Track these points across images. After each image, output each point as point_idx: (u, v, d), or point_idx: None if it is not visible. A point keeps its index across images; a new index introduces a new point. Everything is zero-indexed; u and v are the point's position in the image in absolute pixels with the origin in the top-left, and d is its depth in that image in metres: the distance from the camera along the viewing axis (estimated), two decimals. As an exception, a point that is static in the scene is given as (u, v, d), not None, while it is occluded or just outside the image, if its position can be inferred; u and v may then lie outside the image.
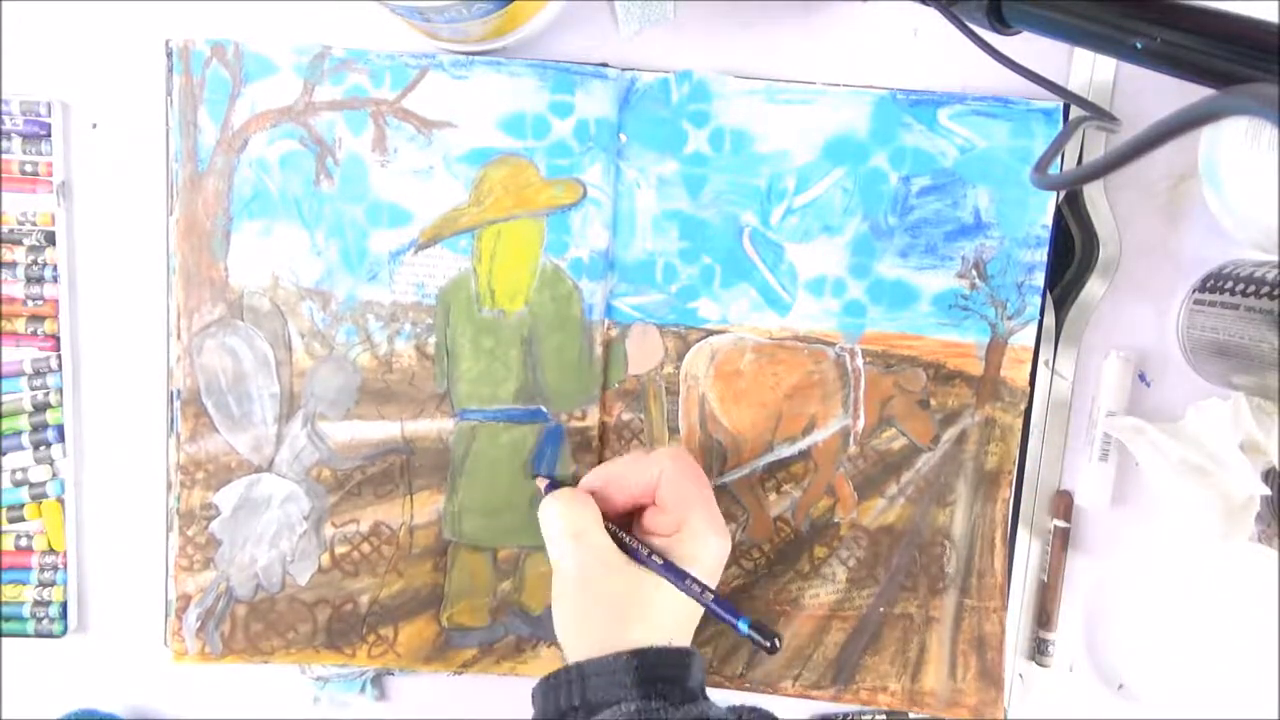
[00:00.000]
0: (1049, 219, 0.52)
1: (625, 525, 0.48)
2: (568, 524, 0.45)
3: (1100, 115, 0.49)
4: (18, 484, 0.53)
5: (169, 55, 0.50)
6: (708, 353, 0.53)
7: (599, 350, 0.52)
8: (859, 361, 0.53)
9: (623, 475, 0.47)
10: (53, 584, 0.53)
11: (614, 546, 0.45)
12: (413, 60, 0.50)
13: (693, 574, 0.44)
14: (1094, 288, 0.53)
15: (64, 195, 0.52)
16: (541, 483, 0.52)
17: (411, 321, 0.52)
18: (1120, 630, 0.56)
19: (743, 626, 0.42)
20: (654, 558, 0.44)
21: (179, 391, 0.52)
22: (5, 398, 0.52)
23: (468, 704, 0.55)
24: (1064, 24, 0.38)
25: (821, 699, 0.54)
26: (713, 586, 0.45)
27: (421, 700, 0.56)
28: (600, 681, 0.41)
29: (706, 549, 0.45)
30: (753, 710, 0.44)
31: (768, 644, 0.41)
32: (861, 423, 0.53)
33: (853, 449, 0.53)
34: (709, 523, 0.46)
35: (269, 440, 0.52)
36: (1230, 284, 0.49)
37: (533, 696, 0.44)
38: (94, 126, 0.51)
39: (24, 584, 0.53)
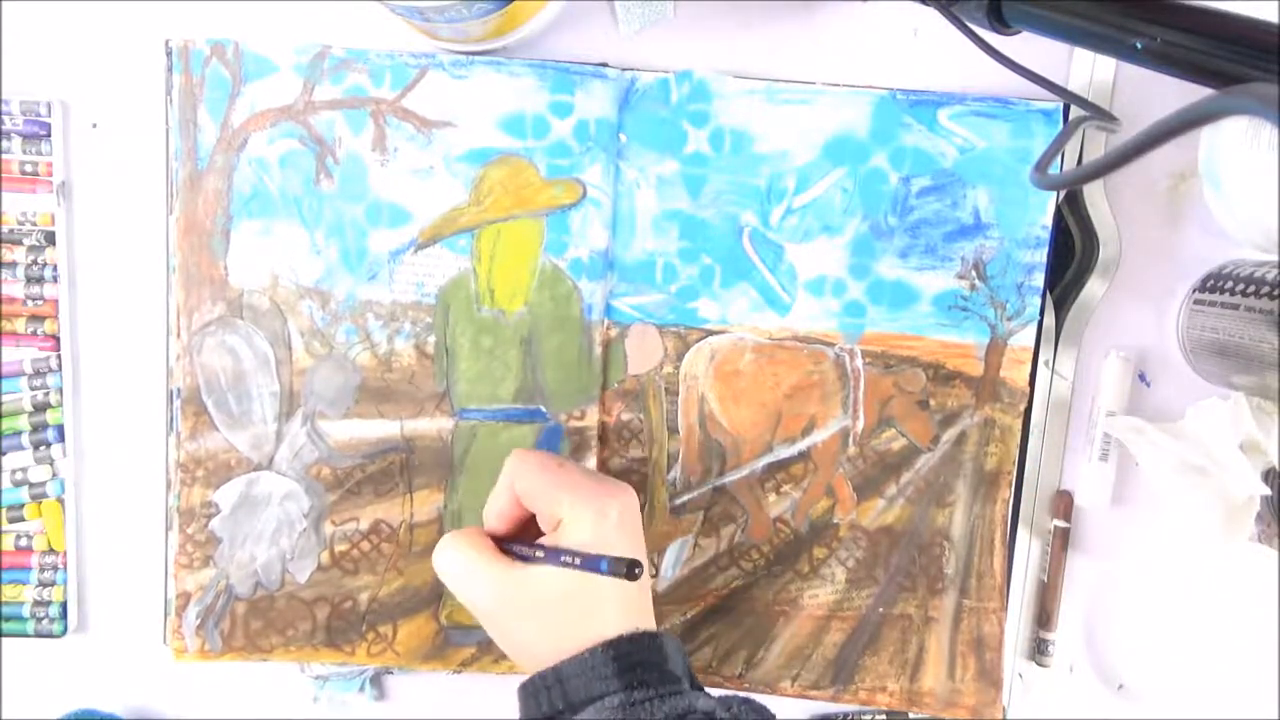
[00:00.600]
0: (1049, 219, 0.52)
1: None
2: (458, 567, 0.44)
3: (1100, 115, 0.49)
4: (18, 484, 0.53)
5: (169, 55, 0.50)
6: (707, 353, 0.53)
7: (598, 350, 0.52)
8: (858, 362, 0.53)
9: (494, 503, 0.46)
10: (53, 584, 0.53)
11: (510, 567, 0.43)
12: (413, 60, 0.50)
13: (570, 546, 0.42)
14: (1094, 288, 0.53)
15: (64, 195, 0.52)
16: None
17: (411, 321, 0.52)
18: (1120, 630, 0.56)
19: (603, 566, 0.40)
20: (536, 552, 0.43)
21: (179, 390, 0.52)
22: (5, 398, 0.52)
23: (467, 703, 0.55)
24: (1064, 24, 0.38)
25: (820, 699, 0.54)
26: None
27: (420, 699, 0.56)
28: (580, 681, 0.40)
29: (588, 521, 0.43)
30: (745, 702, 0.42)
31: (623, 570, 0.39)
32: (861, 423, 0.53)
33: (852, 449, 0.53)
34: (580, 497, 0.43)
35: (269, 438, 0.52)
36: (1230, 284, 0.49)
37: (518, 697, 0.43)
38: (94, 126, 0.51)
39: (24, 584, 0.53)
